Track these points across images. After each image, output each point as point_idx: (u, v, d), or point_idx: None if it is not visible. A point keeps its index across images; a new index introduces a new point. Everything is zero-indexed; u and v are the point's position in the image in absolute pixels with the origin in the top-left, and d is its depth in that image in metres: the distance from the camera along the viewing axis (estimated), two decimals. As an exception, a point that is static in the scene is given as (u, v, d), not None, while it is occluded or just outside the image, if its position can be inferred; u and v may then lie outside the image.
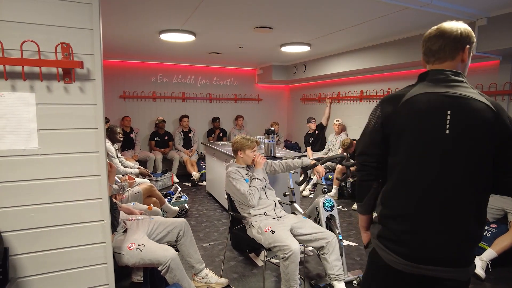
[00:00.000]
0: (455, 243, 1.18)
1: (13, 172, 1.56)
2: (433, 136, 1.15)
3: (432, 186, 1.16)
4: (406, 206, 1.19)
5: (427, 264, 1.19)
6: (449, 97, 1.16)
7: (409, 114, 1.17)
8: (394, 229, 1.22)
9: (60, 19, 1.57)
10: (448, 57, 1.25)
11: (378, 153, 1.25)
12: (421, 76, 1.27)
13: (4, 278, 1.54)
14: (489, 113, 1.15)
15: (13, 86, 1.54)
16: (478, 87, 3.73)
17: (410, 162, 1.18)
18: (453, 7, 2.94)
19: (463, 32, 1.24)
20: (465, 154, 1.14)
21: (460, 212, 1.16)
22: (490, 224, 3.13)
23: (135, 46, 4.97)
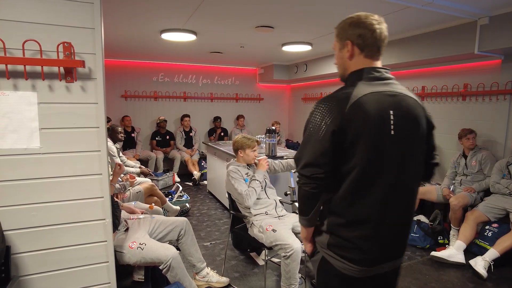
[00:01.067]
0: (406, 238, 1.25)
1: (15, 171, 1.57)
2: (383, 138, 1.11)
3: (387, 189, 1.13)
4: (363, 212, 1.14)
5: (381, 263, 1.20)
6: (389, 95, 1.14)
7: (360, 118, 1.08)
8: (348, 236, 1.17)
9: (62, 18, 1.57)
10: (380, 54, 1.20)
11: (327, 162, 1.12)
12: (355, 74, 1.17)
13: (6, 277, 1.54)
14: (419, 108, 1.18)
15: (15, 85, 1.55)
16: (480, 86, 3.73)
17: (366, 167, 1.10)
18: (455, 6, 2.93)
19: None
20: (410, 151, 1.15)
21: (411, 209, 1.22)
22: (492, 224, 3.12)
23: (137, 45, 4.97)
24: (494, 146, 3.60)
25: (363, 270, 1.17)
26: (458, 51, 3.51)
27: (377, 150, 1.10)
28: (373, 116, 1.09)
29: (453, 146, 4.02)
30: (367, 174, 1.11)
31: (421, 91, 4.39)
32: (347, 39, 1.20)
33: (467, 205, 3.35)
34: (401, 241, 1.24)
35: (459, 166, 3.64)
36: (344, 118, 1.08)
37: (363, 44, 1.18)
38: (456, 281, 2.72)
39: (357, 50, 1.19)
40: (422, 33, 3.85)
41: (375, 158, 1.11)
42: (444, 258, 3.00)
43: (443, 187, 3.66)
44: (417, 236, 3.39)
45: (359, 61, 1.19)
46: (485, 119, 3.70)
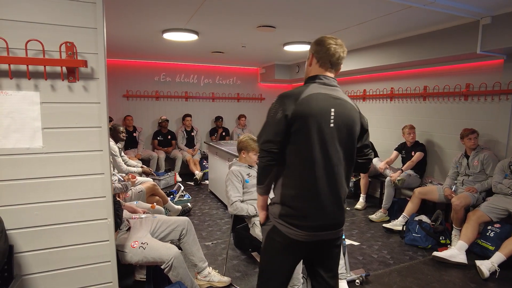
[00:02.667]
0: (340, 210, 1.53)
1: (17, 170, 1.57)
2: (323, 128, 1.44)
3: (325, 167, 1.45)
4: (307, 186, 1.46)
5: (323, 230, 1.50)
6: (333, 98, 1.49)
7: (308, 109, 1.43)
8: (296, 205, 1.48)
9: (64, 18, 1.58)
10: (335, 69, 1.58)
11: (280, 140, 1.46)
12: (311, 78, 1.55)
13: (9, 276, 1.55)
14: (355, 112, 1.54)
15: (18, 85, 1.55)
16: (482, 86, 3.71)
17: (307, 149, 1.43)
18: (457, 6, 2.92)
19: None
20: (343, 141, 1.49)
21: (341, 186, 1.51)
22: (494, 224, 3.11)
23: (138, 45, 4.98)
24: (496, 146, 3.59)
25: (308, 234, 1.48)
26: (460, 50, 3.50)
27: (318, 136, 1.43)
28: (318, 109, 1.44)
29: (455, 146, 4.02)
30: (308, 155, 1.44)
31: (423, 91, 4.38)
32: (311, 51, 1.60)
33: (469, 205, 3.34)
34: (337, 214, 1.52)
35: (461, 166, 3.63)
36: (295, 108, 1.43)
37: (318, 57, 1.55)
38: (458, 281, 2.71)
39: (314, 60, 1.56)
40: (424, 33, 3.84)
41: (315, 143, 1.43)
42: (446, 258, 2.99)
43: (445, 187, 3.65)
44: (418, 236, 3.39)
45: (316, 69, 1.56)
46: (487, 119, 3.69)
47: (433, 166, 4.32)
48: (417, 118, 4.51)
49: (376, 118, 5.24)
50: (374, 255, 3.20)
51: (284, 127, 1.44)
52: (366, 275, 2.71)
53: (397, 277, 2.79)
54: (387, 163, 4.41)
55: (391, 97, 4.92)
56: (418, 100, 4.53)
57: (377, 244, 3.47)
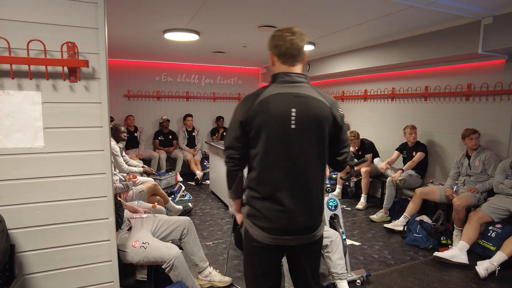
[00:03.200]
0: (309, 214, 1.43)
1: (19, 170, 1.58)
2: (283, 130, 1.37)
3: (290, 169, 1.39)
4: (268, 188, 1.41)
5: (287, 235, 1.42)
6: (294, 96, 1.39)
7: (263, 113, 1.37)
8: (259, 207, 1.43)
9: (66, 18, 1.58)
10: (300, 60, 1.45)
11: (240, 146, 1.44)
12: (273, 77, 1.46)
13: (11, 275, 1.56)
14: (325, 108, 1.40)
15: (20, 85, 1.56)
16: (483, 86, 3.70)
17: (267, 153, 1.39)
18: (458, 6, 2.92)
19: (306, 39, 1.45)
20: (309, 142, 1.39)
21: (310, 188, 1.42)
22: (495, 224, 3.10)
23: (140, 45, 4.99)
24: (497, 146, 3.58)
25: (272, 237, 1.42)
26: (461, 50, 3.49)
27: (278, 139, 1.37)
28: (275, 112, 1.36)
29: (456, 146, 4.01)
30: (269, 158, 1.39)
31: (424, 91, 4.38)
32: (269, 50, 1.47)
33: (470, 205, 3.34)
34: (306, 219, 1.43)
35: (462, 167, 3.63)
36: (251, 112, 1.38)
37: (277, 53, 1.43)
38: (459, 282, 2.71)
39: (275, 58, 1.45)
40: (426, 33, 3.83)
41: (275, 146, 1.38)
42: (447, 258, 2.99)
43: (446, 187, 3.64)
44: (419, 236, 3.38)
45: (278, 66, 1.45)
46: (489, 119, 3.68)
47: (434, 166, 4.31)
48: (418, 118, 4.50)
49: (377, 118, 5.23)
50: (375, 255, 3.20)
51: (240, 133, 1.42)
52: (367, 275, 2.71)
53: (398, 277, 2.79)
54: (388, 163, 4.40)
55: (392, 97, 4.92)
56: (419, 100, 4.52)
57: (378, 244, 3.46)
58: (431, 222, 3.52)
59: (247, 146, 1.44)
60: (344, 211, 4.53)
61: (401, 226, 3.71)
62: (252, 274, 1.54)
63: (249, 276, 1.56)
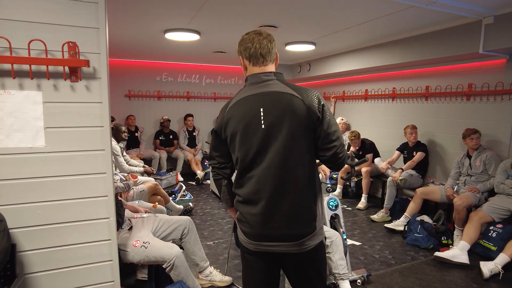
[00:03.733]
0: (287, 219, 1.32)
1: (20, 169, 1.58)
2: (254, 132, 1.32)
3: (263, 173, 1.32)
4: (246, 192, 1.37)
5: (268, 241, 1.34)
6: (261, 95, 1.34)
7: (233, 118, 1.35)
8: (242, 211, 1.40)
9: (67, 18, 1.58)
10: (269, 61, 1.41)
11: (218, 155, 1.46)
12: (245, 81, 1.44)
13: (12, 274, 1.56)
14: (295, 101, 1.31)
15: (21, 84, 1.56)
16: (484, 86, 3.70)
17: (244, 156, 1.35)
18: (459, 5, 2.91)
19: (273, 39, 1.42)
20: (284, 140, 1.30)
21: (288, 191, 1.31)
22: (496, 224, 3.10)
23: (140, 45, 4.99)
24: (498, 146, 3.58)
25: (253, 243, 1.37)
26: (462, 50, 3.49)
27: (251, 142, 1.32)
28: (244, 115, 1.34)
29: (457, 146, 4.00)
30: (245, 161, 1.35)
31: (425, 90, 4.37)
32: (239, 54, 1.44)
33: (471, 205, 3.33)
34: (286, 224, 1.32)
35: (463, 166, 3.62)
36: (222, 121, 1.39)
37: (246, 56, 1.40)
38: (459, 282, 2.71)
39: (245, 61, 1.42)
40: (426, 33, 3.83)
41: (249, 149, 1.33)
42: (448, 258, 2.99)
43: (446, 187, 3.64)
44: (420, 236, 3.38)
45: (250, 69, 1.42)
46: (490, 119, 3.68)
47: (435, 166, 4.31)
48: (419, 118, 4.50)
49: (378, 118, 5.23)
50: (375, 255, 3.20)
51: (216, 142, 1.44)
52: (368, 275, 2.71)
53: (399, 277, 2.79)
54: (389, 163, 4.40)
55: (393, 97, 4.91)
56: (420, 100, 4.52)
57: (379, 244, 3.46)
58: (431, 222, 3.52)
59: (227, 155, 1.44)
60: (345, 211, 4.53)
61: (402, 226, 3.71)
62: (245, 281, 1.51)
63: (244, 282, 1.53)
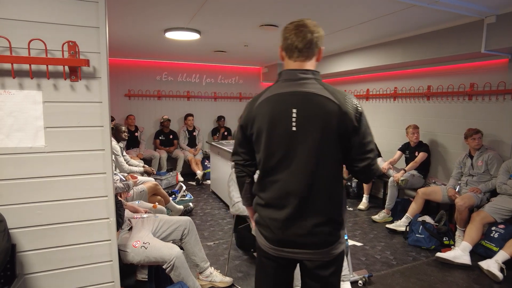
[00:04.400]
0: (312, 227, 1.26)
1: (20, 169, 1.57)
2: (283, 134, 1.25)
3: (287, 177, 1.26)
4: (268, 195, 1.31)
5: (289, 247, 1.29)
6: (296, 95, 1.25)
7: (262, 115, 1.28)
8: (262, 215, 1.34)
9: (67, 17, 1.57)
10: (309, 56, 1.29)
11: (244, 151, 1.39)
12: (278, 75, 1.34)
13: (12, 274, 1.55)
14: (332, 106, 1.22)
15: (21, 84, 1.55)
16: (486, 86, 3.68)
17: (268, 157, 1.28)
18: (461, 4, 2.90)
19: (322, 32, 1.31)
20: (314, 146, 1.23)
21: (315, 198, 1.25)
22: (498, 225, 3.09)
23: (140, 44, 4.98)
24: (500, 146, 3.56)
25: (274, 248, 1.32)
26: (464, 50, 3.47)
27: (278, 143, 1.26)
28: (274, 114, 1.26)
29: (459, 146, 3.99)
30: (270, 163, 1.29)
31: (427, 90, 4.36)
32: (281, 45, 1.34)
33: (473, 205, 3.32)
34: (314, 232, 1.26)
35: (465, 167, 3.61)
36: (250, 116, 1.32)
37: (284, 47, 1.31)
38: (461, 283, 2.69)
39: (283, 53, 1.33)
40: (428, 32, 3.81)
41: (276, 150, 1.26)
42: (450, 259, 2.97)
43: (448, 187, 3.62)
44: (422, 237, 3.37)
45: (286, 62, 1.33)
46: (492, 119, 3.66)
47: (436, 167, 4.29)
48: (420, 118, 4.48)
49: (379, 117, 5.22)
50: (377, 256, 3.19)
51: (242, 138, 1.37)
52: (369, 276, 2.70)
53: (400, 278, 2.77)
54: (391, 163, 4.39)
55: (395, 97, 4.90)
56: (421, 100, 4.50)
57: (380, 245, 3.45)
58: (433, 222, 3.51)
59: (252, 152, 1.37)
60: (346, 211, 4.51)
61: (403, 227, 3.70)
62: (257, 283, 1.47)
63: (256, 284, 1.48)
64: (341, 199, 1.32)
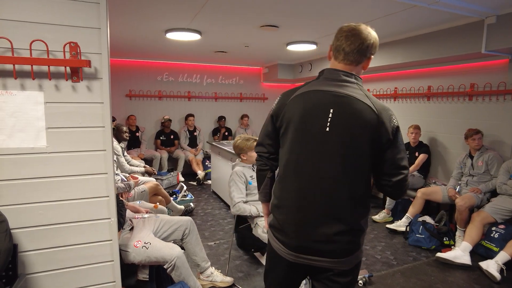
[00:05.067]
0: (332, 234, 1.19)
1: (22, 170, 1.58)
2: (314, 132, 1.19)
3: (311, 181, 1.19)
4: (287, 197, 1.25)
5: (307, 254, 1.23)
6: (335, 96, 1.20)
7: (295, 109, 1.22)
8: (279, 218, 1.27)
9: (68, 18, 1.58)
10: (354, 61, 1.26)
11: (270, 144, 1.33)
12: (319, 72, 1.30)
13: (14, 274, 1.56)
14: (370, 114, 1.17)
15: (22, 85, 1.56)
16: (487, 86, 3.69)
17: (292, 155, 1.23)
18: (462, 5, 2.90)
19: (375, 41, 1.28)
20: (343, 151, 1.17)
21: (336, 205, 1.19)
22: (498, 225, 3.09)
23: (141, 45, 4.99)
24: (501, 146, 3.56)
25: (290, 254, 1.25)
26: (464, 50, 3.47)
27: (308, 142, 1.20)
28: (309, 111, 1.20)
29: (459, 147, 3.99)
30: (293, 163, 1.22)
31: (427, 90, 4.36)
32: (331, 44, 1.32)
33: (473, 206, 3.32)
34: (331, 239, 1.20)
35: (465, 167, 3.61)
36: (282, 107, 1.26)
37: (335, 48, 1.28)
38: (462, 283, 2.70)
39: (331, 52, 1.31)
40: (429, 32, 3.81)
41: (303, 149, 1.20)
42: (450, 259, 2.97)
43: (448, 187, 3.63)
44: (422, 237, 3.37)
45: (332, 62, 1.31)
46: (492, 119, 3.66)
47: (437, 167, 4.29)
48: (421, 118, 4.48)
49: (379, 118, 5.21)
50: (377, 256, 3.19)
51: (271, 128, 1.31)
52: (369, 276, 2.70)
53: (401, 278, 2.78)
54: (391, 163, 4.38)
55: (395, 97, 4.90)
56: (422, 100, 4.50)
57: (381, 245, 3.45)
58: (433, 222, 3.51)
59: (278, 145, 1.31)
60: (346, 211, 4.51)
61: (404, 227, 3.70)
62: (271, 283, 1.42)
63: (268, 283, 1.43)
64: (365, 211, 1.25)
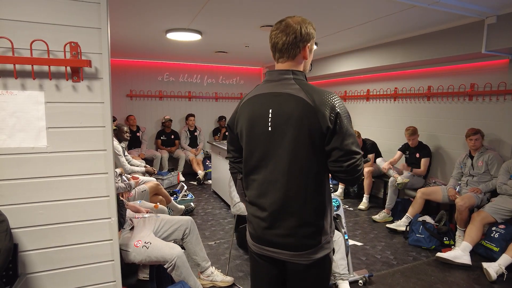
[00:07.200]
0: (288, 228, 1.25)
1: (22, 169, 1.58)
2: (260, 133, 1.27)
3: (266, 177, 1.28)
4: (253, 195, 1.34)
5: (269, 246, 1.30)
6: (273, 95, 1.26)
7: (245, 114, 1.32)
8: (249, 212, 1.38)
9: (69, 18, 1.58)
10: (289, 56, 1.27)
11: (233, 149, 1.45)
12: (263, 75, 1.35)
13: (14, 274, 1.56)
14: (304, 107, 1.19)
15: (23, 84, 1.56)
16: (487, 86, 3.68)
17: (249, 158, 1.32)
18: (462, 5, 2.90)
19: (303, 29, 1.23)
20: (287, 146, 1.22)
21: (289, 200, 1.24)
22: (498, 225, 3.09)
23: (142, 45, 5.00)
24: (501, 146, 3.56)
25: (256, 246, 1.35)
26: (465, 50, 3.47)
27: (255, 144, 1.29)
28: (252, 115, 1.29)
29: (459, 147, 3.99)
30: (250, 162, 1.32)
31: (427, 91, 4.36)
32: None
33: (473, 206, 3.32)
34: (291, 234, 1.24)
35: (465, 167, 3.61)
36: (235, 116, 1.38)
37: (270, 48, 1.32)
38: (462, 283, 2.70)
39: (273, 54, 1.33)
40: (429, 33, 3.82)
41: (253, 151, 1.29)
42: (450, 259, 2.98)
43: (448, 187, 3.63)
44: (422, 237, 3.37)
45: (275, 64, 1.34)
46: (492, 119, 3.66)
47: (437, 167, 4.29)
48: (421, 118, 4.48)
49: (379, 118, 5.22)
50: (377, 256, 3.19)
51: (232, 136, 1.42)
52: (369, 276, 2.70)
53: (401, 278, 2.78)
54: (391, 163, 4.39)
55: (395, 97, 4.90)
56: (422, 100, 4.50)
57: (381, 245, 3.45)
58: (433, 222, 3.51)
59: (241, 149, 1.39)
60: (346, 211, 4.52)
61: (404, 227, 3.70)
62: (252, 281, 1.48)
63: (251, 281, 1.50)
64: (322, 203, 1.26)
